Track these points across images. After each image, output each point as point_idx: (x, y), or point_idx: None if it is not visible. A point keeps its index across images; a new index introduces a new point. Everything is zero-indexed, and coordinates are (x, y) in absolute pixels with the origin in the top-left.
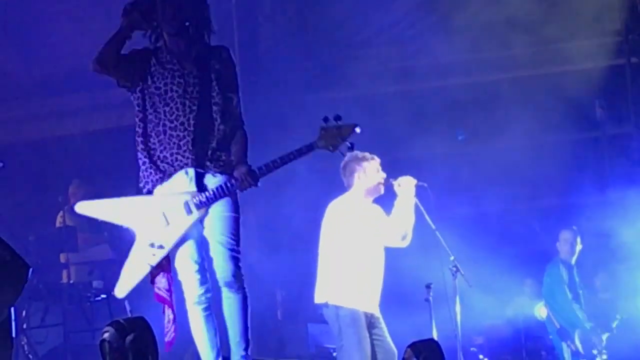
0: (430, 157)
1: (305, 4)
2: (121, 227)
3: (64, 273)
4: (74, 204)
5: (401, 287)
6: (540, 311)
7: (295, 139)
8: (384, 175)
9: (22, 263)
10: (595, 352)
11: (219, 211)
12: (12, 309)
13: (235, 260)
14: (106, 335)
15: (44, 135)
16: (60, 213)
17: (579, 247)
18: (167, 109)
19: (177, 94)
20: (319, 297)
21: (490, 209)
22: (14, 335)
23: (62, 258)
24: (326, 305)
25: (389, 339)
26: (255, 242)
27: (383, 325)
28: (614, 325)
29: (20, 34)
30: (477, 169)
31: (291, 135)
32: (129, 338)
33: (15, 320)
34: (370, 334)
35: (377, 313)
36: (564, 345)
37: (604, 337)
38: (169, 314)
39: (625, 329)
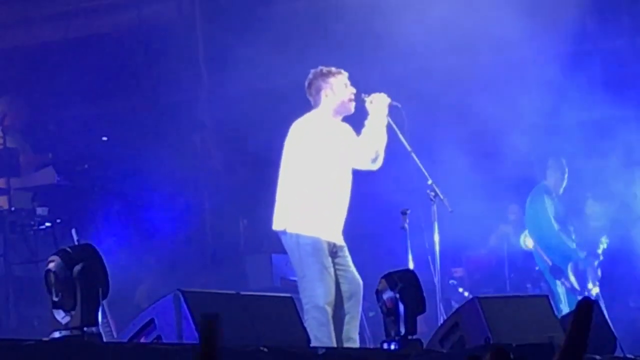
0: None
1: None
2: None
3: (4, 199)
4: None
5: (373, 214)
6: (527, 241)
7: None
8: (353, 90)
9: None
10: (590, 285)
11: None
12: None
13: None
14: (51, 265)
15: None
16: None
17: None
18: None
19: None
20: (277, 224)
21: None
22: None
23: (2, 183)
24: (284, 232)
25: (353, 268)
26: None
27: (347, 254)
28: (600, 251)
29: None
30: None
31: None
32: (77, 268)
33: None
34: (334, 264)
35: (340, 242)
36: (558, 283)
37: (595, 264)
38: None
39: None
